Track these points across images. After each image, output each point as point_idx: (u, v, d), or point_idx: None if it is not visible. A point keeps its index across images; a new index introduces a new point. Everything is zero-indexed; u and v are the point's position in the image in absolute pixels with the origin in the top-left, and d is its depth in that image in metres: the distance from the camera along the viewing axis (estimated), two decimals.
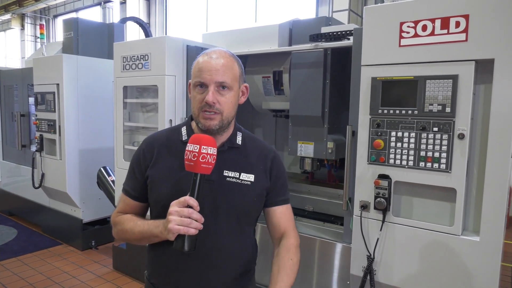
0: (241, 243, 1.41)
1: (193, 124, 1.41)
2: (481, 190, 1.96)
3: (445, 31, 1.93)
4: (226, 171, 1.35)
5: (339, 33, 2.78)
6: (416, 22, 2.01)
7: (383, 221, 2.15)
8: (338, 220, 3.15)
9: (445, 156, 1.97)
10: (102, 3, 6.64)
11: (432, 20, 1.96)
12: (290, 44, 3.31)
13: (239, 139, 1.42)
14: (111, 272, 3.93)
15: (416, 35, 2.01)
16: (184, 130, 1.41)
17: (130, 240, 1.38)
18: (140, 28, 6.25)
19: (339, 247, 2.53)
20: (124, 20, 6.24)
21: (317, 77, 3.00)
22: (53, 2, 13.16)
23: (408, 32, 2.03)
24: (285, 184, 1.49)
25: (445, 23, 1.93)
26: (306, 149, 3.18)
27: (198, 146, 1.17)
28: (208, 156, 1.18)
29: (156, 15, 10.80)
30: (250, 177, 1.37)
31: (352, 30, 2.71)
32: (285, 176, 1.50)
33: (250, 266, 1.49)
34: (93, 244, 4.52)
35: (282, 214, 1.47)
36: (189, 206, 1.16)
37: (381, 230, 2.16)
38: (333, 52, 2.97)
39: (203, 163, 1.17)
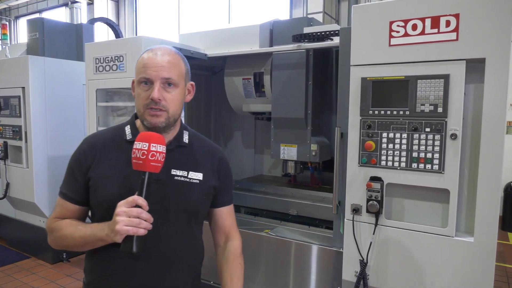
0: (190, 243, 1.40)
1: (138, 122, 1.38)
2: (472, 191, 1.95)
3: (436, 30, 1.91)
4: (174, 170, 1.34)
5: (323, 33, 2.73)
6: (405, 21, 1.98)
7: (376, 224, 2.10)
8: (323, 224, 3.10)
9: (437, 157, 1.94)
10: (69, 3, 6.35)
11: (422, 19, 1.94)
12: (271, 45, 3.24)
13: (185, 138, 1.42)
14: None
15: (406, 34, 1.98)
16: (128, 129, 1.37)
17: (70, 247, 1.30)
18: (109, 29, 6.04)
19: (328, 252, 2.46)
20: (93, 20, 5.99)
21: (300, 79, 2.95)
22: (15, 2, 12.57)
23: (398, 32, 2.00)
24: (231, 184, 1.53)
25: (435, 22, 1.91)
26: (289, 152, 3.13)
27: (147, 144, 1.15)
28: (158, 154, 1.16)
29: (126, 16, 10.51)
30: (199, 176, 1.37)
31: (336, 31, 2.67)
32: (231, 176, 1.53)
33: (198, 267, 1.48)
34: (64, 256, 4.30)
35: (227, 214, 1.50)
36: (137, 206, 1.14)
37: (374, 233, 2.11)
38: (315, 53, 2.93)
39: (153, 161, 1.16)
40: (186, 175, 1.35)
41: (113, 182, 1.28)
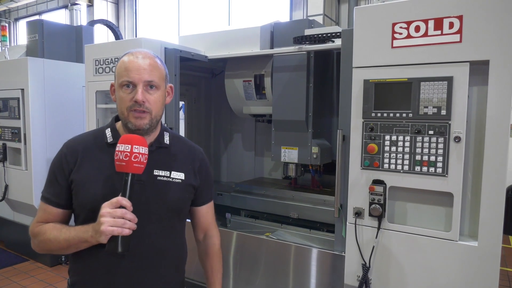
0: (174, 242, 1.44)
1: (118, 125, 1.41)
2: (476, 194, 1.93)
3: (439, 32, 1.89)
4: (157, 171, 1.38)
5: (324, 35, 2.71)
6: (408, 23, 1.96)
7: (379, 228, 2.08)
8: (324, 227, 3.08)
9: (441, 160, 1.92)
10: (69, 5, 6.34)
11: (425, 21, 1.92)
12: (271, 47, 3.23)
13: (166, 139, 1.45)
14: None
15: (409, 36, 1.97)
16: (108, 132, 1.40)
17: (54, 251, 1.32)
18: (109, 31, 6.02)
19: (330, 256, 2.44)
20: (93, 22, 5.97)
21: (300, 81, 2.94)
22: (14, 4, 12.55)
23: (400, 33, 1.98)
24: (211, 184, 1.60)
25: (438, 24, 1.89)
26: (290, 154, 3.11)
27: (129, 146, 1.19)
28: (140, 155, 1.21)
29: (126, 18, 10.49)
30: (181, 175, 1.41)
31: (337, 33, 2.66)
32: (211, 175, 1.60)
33: (182, 264, 1.52)
34: (63, 259, 4.25)
35: (207, 213, 1.57)
36: (121, 207, 1.17)
37: (376, 237, 2.09)
38: (315, 55, 2.91)
39: (135, 163, 1.20)
40: (168, 175, 1.39)
41: (96, 184, 1.31)
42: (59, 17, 12.17)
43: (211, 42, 3.36)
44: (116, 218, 1.15)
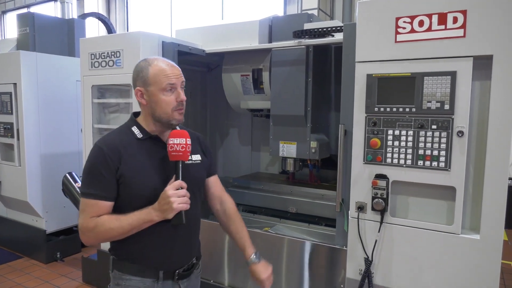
0: (199, 210, 1.71)
1: (142, 122, 1.60)
2: (478, 188, 1.95)
3: (443, 26, 1.89)
4: None
5: (324, 29, 2.70)
6: (412, 18, 1.96)
7: (381, 222, 2.09)
8: (323, 221, 3.09)
9: (444, 154, 1.94)
10: None
11: (429, 16, 1.92)
12: (270, 41, 3.20)
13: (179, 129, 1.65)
14: (81, 286, 3.65)
15: (412, 30, 1.96)
16: (136, 129, 1.58)
17: (114, 237, 1.50)
18: (100, 24, 5.93)
19: (331, 250, 2.45)
20: (85, 15, 5.88)
21: (299, 75, 2.92)
22: None
23: (404, 28, 1.98)
24: (214, 158, 1.88)
25: (442, 18, 1.89)
26: (288, 149, 3.10)
27: (184, 139, 1.47)
28: (190, 146, 1.50)
29: (117, 12, 10.35)
30: (198, 157, 1.68)
31: (338, 27, 2.65)
32: (211, 152, 1.84)
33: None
34: (58, 256, 4.19)
35: (217, 182, 1.82)
36: (180, 188, 1.44)
37: (379, 231, 2.10)
38: (314, 50, 2.90)
39: (188, 152, 1.49)
40: (191, 158, 1.63)
41: (148, 174, 1.51)
42: (48, 10, 11.95)
43: (208, 36, 3.32)
44: (180, 197, 1.42)
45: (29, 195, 3.98)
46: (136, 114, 1.65)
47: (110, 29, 5.98)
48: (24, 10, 12.48)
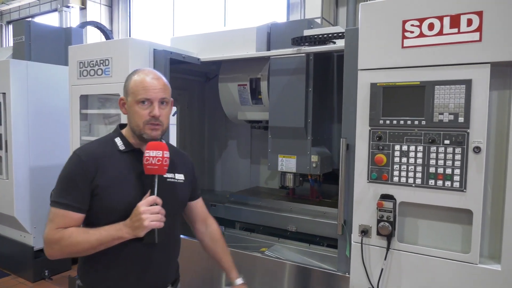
0: (178, 232, 1.68)
1: (126, 134, 1.56)
2: (497, 211, 1.74)
3: (456, 30, 1.71)
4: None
5: (325, 35, 2.52)
6: (421, 20, 1.78)
7: (388, 248, 1.87)
8: (325, 241, 2.89)
9: (458, 173, 1.74)
10: (59, 6, 6.16)
11: (440, 18, 1.74)
12: (268, 49, 3.05)
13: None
14: None
15: (421, 35, 1.78)
16: (118, 140, 1.55)
17: (79, 252, 1.42)
18: (101, 33, 5.83)
19: (333, 277, 2.22)
20: (83, 24, 5.80)
21: (299, 85, 2.77)
22: (6, 7, 12.34)
23: (412, 32, 1.80)
24: (198, 180, 1.82)
25: (455, 21, 1.71)
26: (287, 163, 2.92)
27: (161, 152, 1.41)
28: (167, 159, 1.43)
29: (119, 21, 10.30)
30: (181, 176, 1.63)
31: (340, 33, 2.47)
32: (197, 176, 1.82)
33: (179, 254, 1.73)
34: (46, 274, 3.99)
35: (202, 205, 1.82)
36: (155, 205, 1.39)
37: (385, 259, 1.88)
38: (315, 58, 2.73)
39: (165, 166, 1.43)
40: (173, 176, 1.59)
41: (124, 187, 1.46)
42: (53, 20, 11.96)
43: (204, 44, 3.18)
44: (153, 214, 1.36)
45: (16, 209, 3.81)
46: (123, 126, 1.61)
47: (108, 38, 5.86)
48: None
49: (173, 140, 3.88)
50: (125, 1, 10.33)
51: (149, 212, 1.35)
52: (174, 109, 3.99)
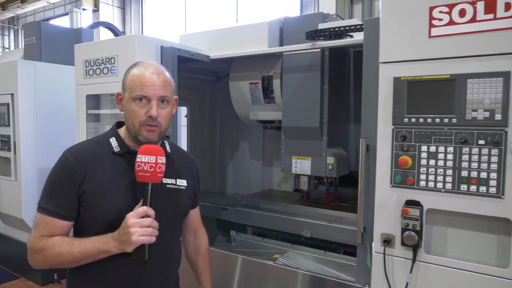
0: (178, 244, 1.57)
1: (122, 134, 1.43)
2: None
3: (491, 16, 1.55)
4: (165, 179, 1.41)
5: (341, 28, 2.35)
6: (451, 6, 1.62)
7: (414, 260, 1.70)
8: (341, 248, 2.73)
9: (495, 177, 1.56)
10: (69, 7, 6.17)
11: (472, 3, 1.57)
12: (281, 45, 2.92)
13: (168, 148, 1.51)
14: None
15: (451, 22, 1.62)
16: (113, 141, 1.41)
17: (63, 264, 1.31)
18: (112, 34, 5.79)
19: None
20: (93, 25, 5.77)
21: (314, 82, 2.63)
22: (22, 11, 12.51)
23: (440, 19, 1.64)
24: (200, 185, 1.69)
25: (490, 5, 1.54)
26: (302, 165, 2.79)
27: (154, 157, 1.26)
28: (162, 165, 1.28)
29: (132, 22, 10.34)
30: (184, 182, 1.51)
31: (358, 25, 2.31)
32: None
33: (180, 263, 1.61)
34: (55, 277, 3.96)
35: (197, 215, 1.71)
36: (146, 216, 1.24)
37: (411, 272, 1.71)
38: (330, 53, 2.59)
39: (159, 173, 1.27)
40: (175, 182, 1.47)
41: (115, 195, 1.33)
42: (66, 23, 12.07)
43: (214, 41, 3.06)
44: (143, 227, 1.22)
45: (25, 212, 3.78)
46: (120, 124, 1.46)
47: None
48: None
49: (183, 142, 3.78)
50: (137, 2, 10.35)
51: (139, 226, 1.21)
52: (185, 110, 3.90)
